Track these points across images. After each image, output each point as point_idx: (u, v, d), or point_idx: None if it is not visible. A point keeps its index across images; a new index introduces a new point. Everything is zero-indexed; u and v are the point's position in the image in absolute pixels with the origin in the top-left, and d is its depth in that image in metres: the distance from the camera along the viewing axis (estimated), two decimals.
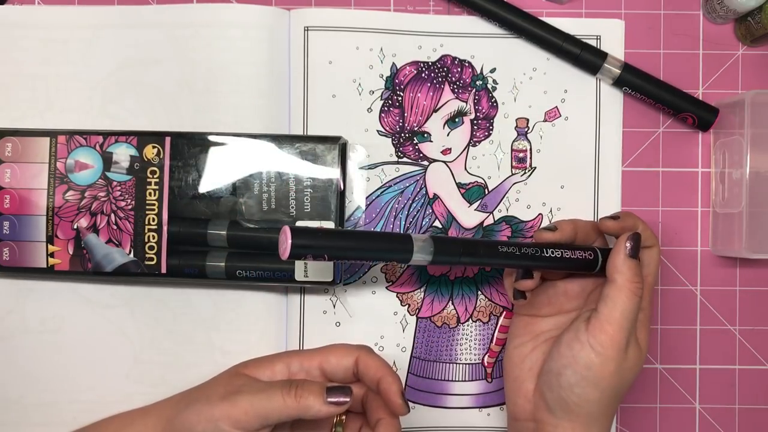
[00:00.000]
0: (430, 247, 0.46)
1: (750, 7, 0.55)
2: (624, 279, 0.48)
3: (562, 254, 0.49)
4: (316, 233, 0.43)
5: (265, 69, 0.57)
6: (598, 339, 0.48)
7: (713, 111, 0.57)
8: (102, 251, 0.56)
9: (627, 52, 0.59)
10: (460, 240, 0.49)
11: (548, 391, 0.50)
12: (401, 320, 0.59)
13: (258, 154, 0.55)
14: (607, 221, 0.51)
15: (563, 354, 0.49)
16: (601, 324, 0.48)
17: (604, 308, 0.48)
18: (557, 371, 0.49)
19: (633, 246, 0.49)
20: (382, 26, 0.58)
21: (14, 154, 0.56)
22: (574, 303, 0.53)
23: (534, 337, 0.53)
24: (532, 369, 0.52)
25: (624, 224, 0.51)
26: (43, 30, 0.58)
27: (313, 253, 0.43)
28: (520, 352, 0.53)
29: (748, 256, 0.55)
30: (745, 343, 0.59)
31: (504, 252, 0.48)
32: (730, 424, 0.60)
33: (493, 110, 0.58)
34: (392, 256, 0.46)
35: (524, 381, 0.52)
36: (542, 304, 0.53)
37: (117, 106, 0.58)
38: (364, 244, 0.45)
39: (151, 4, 0.58)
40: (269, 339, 0.58)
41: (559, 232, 0.50)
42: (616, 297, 0.48)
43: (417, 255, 0.45)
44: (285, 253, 0.42)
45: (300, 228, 0.42)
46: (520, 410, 0.52)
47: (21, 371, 0.58)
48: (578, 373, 0.48)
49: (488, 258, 0.48)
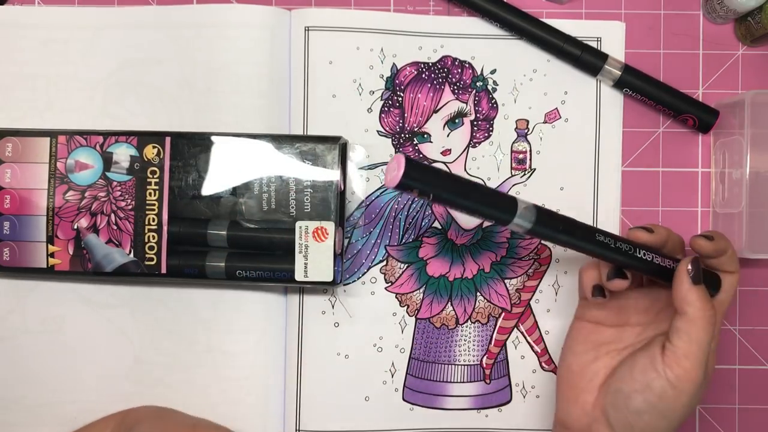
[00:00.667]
0: (533, 216, 0.44)
1: (750, 7, 0.55)
2: (695, 309, 0.46)
3: (653, 258, 0.48)
4: (430, 170, 0.42)
5: (266, 69, 0.57)
6: (674, 372, 0.46)
7: (713, 113, 0.57)
8: (102, 251, 0.56)
9: (627, 52, 0.59)
10: (562, 216, 0.46)
11: (613, 410, 0.48)
12: (400, 321, 0.59)
13: (258, 154, 0.55)
14: (701, 240, 0.49)
15: (636, 379, 0.47)
16: (678, 359, 0.46)
17: (679, 342, 0.46)
18: (627, 394, 0.48)
19: (695, 271, 0.46)
20: (382, 27, 0.58)
21: (14, 154, 0.56)
22: (641, 317, 0.52)
23: (596, 347, 0.52)
24: (592, 381, 0.51)
25: (718, 246, 0.49)
26: (43, 30, 0.58)
27: (420, 187, 0.41)
28: (580, 360, 0.52)
29: (748, 256, 0.55)
30: (745, 343, 0.60)
31: (599, 241, 0.46)
32: (730, 424, 0.60)
33: (493, 111, 0.58)
34: (494, 214, 0.44)
35: (582, 391, 0.51)
36: (610, 313, 0.52)
37: (117, 106, 0.58)
38: (472, 194, 0.43)
39: (152, 5, 0.58)
40: (268, 339, 0.58)
41: (655, 236, 0.48)
42: (690, 330, 0.46)
43: (518, 219, 0.44)
44: (394, 181, 0.40)
45: (415, 160, 0.41)
46: (573, 420, 0.51)
47: (21, 371, 0.58)
48: (649, 401, 0.47)
49: (584, 242, 0.46)
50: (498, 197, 0.44)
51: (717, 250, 0.49)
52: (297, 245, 0.55)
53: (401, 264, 0.58)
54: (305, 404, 0.58)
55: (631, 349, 0.51)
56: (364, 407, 0.59)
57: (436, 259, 0.59)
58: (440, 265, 0.59)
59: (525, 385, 0.59)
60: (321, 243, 0.55)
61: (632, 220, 0.59)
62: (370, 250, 0.58)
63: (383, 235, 0.58)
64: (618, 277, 0.48)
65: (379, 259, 0.58)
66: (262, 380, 0.58)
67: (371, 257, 0.58)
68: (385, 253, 0.58)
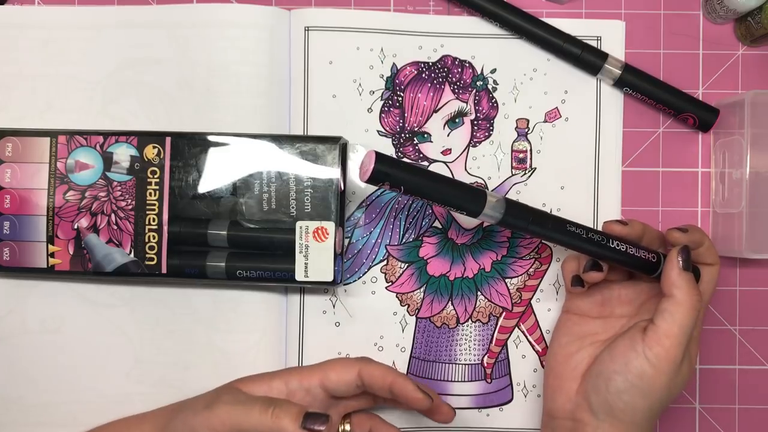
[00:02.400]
0: (502, 207, 0.47)
1: (750, 7, 0.55)
2: (682, 293, 0.48)
3: (627, 249, 0.49)
4: (399, 163, 0.44)
5: (266, 69, 0.57)
6: (654, 351, 0.47)
7: (714, 112, 0.57)
8: (102, 251, 0.56)
9: (627, 52, 0.59)
10: (531, 208, 0.49)
11: (594, 393, 0.50)
12: (401, 320, 0.59)
13: (258, 154, 0.55)
14: (675, 233, 0.50)
15: (616, 360, 0.49)
16: (659, 337, 0.47)
17: (663, 322, 0.48)
18: (607, 376, 0.49)
19: (685, 258, 0.48)
20: (382, 26, 0.58)
21: (14, 154, 0.56)
22: (625, 309, 0.53)
23: (580, 337, 0.53)
24: (576, 369, 0.52)
25: (692, 238, 0.50)
26: (43, 30, 0.58)
27: (391, 181, 0.43)
28: (565, 350, 0.53)
29: (748, 256, 0.55)
30: (745, 343, 0.60)
31: (571, 231, 0.48)
32: (730, 424, 0.60)
33: (493, 111, 0.58)
34: (464, 205, 0.46)
35: (567, 380, 0.53)
36: (594, 305, 0.54)
37: (117, 106, 0.58)
38: (441, 187, 0.45)
39: (152, 4, 0.58)
40: (269, 339, 0.58)
41: (629, 228, 0.50)
42: (675, 311, 0.48)
43: (488, 210, 0.46)
44: (366, 174, 0.43)
45: (385, 155, 0.43)
46: (558, 408, 0.52)
47: (21, 371, 0.58)
48: (629, 381, 0.48)
49: (555, 233, 0.49)
50: (467, 189, 0.47)
51: (692, 241, 0.50)
52: (297, 245, 0.55)
53: (402, 263, 0.58)
54: None
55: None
56: None
57: (436, 259, 0.59)
58: (441, 264, 0.59)
59: (526, 385, 0.59)
60: (321, 243, 0.55)
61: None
62: (371, 249, 0.58)
63: (383, 235, 0.58)
64: (594, 269, 0.50)
65: (379, 259, 0.58)
66: None
67: (372, 257, 0.58)
68: (386, 253, 0.58)
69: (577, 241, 0.49)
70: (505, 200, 0.47)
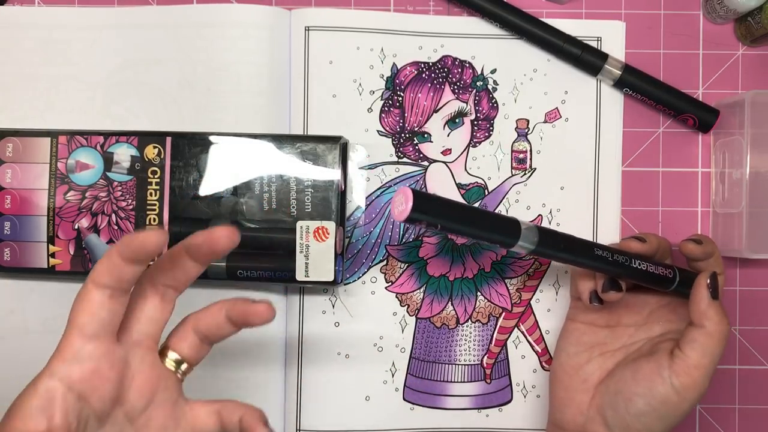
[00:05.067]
0: (535, 237, 0.45)
1: (750, 7, 0.55)
2: (713, 324, 0.47)
3: (647, 267, 0.49)
4: (436, 199, 0.42)
5: (266, 69, 0.57)
6: (682, 381, 0.47)
7: (714, 112, 0.57)
8: (103, 251, 0.56)
9: (627, 52, 0.59)
10: (562, 235, 0.47)
11: (612, 411, 0.49)
12: (400, 321, 0.59)
13: (259, 154, 0.55)
14: (690, 244, 0.50)
15: (640, 383, 0.48)
16: (689, 368, 0.47)
17: (693, 353, 0.47)
18: (628, 396, 0.48)
19: (714, 287, 0.47)
20: (382, 26, 0.58)
21: (15, 155, 0.56)
22: (634, 318, 0.53)
23: (589, 348, 0.52)
24: (586, 381, 0.51)
25: (706, 249, 0.50)
26: (43, 30, 0.58)
27: (429, 220, 0.41)
28: (573, 361, 0.52)
29: (748, 256, 0.55)
30: (745, 343, 0.60)
31: (598, 255, 0.47)
32: (730, 424, 0.60)
33: (493, 111, 0.58)
34: (498, 239, 0.44)
35: (577, 392, 0.52)
36: (601, 314, 0.53)
37: (118, 107, 0.58)
38: (478, 222, 0.44)
39: (152, 5, 0.58)
40: (269, 339, 0.58)
41: (648, 244, 0.49)
42: (707, 343, 0.47)
43: (521, 242, 0.44)
44: (402, 215, 0.40)
45: (422, 193, 0.41)
46: (568, 420, 0.51)
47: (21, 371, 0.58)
48: (651, 405, 0.47)
49: (583, 258, 0.47)
50: (501, 221, 0.45)
51: (705, 253, 0.50)
52: (298, 245, 0.55)
53: (401, 263, 0.59)
54: (305, 404, 0.58)
55: (625, 351, 0.52)
56: (365, 407, 0.59)
57: (436, 259, 0.59)
58: (440, 264, 0.59)
59: (525, 385, 0.59)
60: (322, 243, 0.55)
61: (632, 220, 0.59)
62: (371, 249, 0.58)
63: (383, 235, 0.58)
64: (613, 289, 0.49)
65: (379, 259, 0.58)
66: (262, 380, 0.58)
67: (371, 257, 0.58)
68: (386, 253, 0.59)
69: (603, 264, 0.48)
70: (537, 228, 0.45)
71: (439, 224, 0.42)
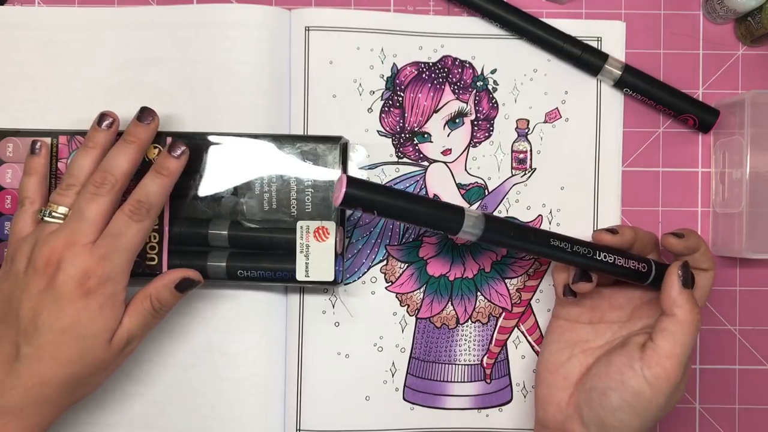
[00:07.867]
0: (482, 224, 0.45)
1: (750, 7, 0.55)
2: (684, 312, 0.46)
3: (615, 260, 0.48)
4: (371, 186, 0.43)
5: (266, 69, 0.57)
6: (653, 371, 0.46)
7: (714, 113, 0.57)
8: None
9: (627, 52, 0.59)
10: (512, 223, 0.48)
11: (587, 407, 0.49)
12: (400, 321, 0.59)
13: (259, 154, 0.55)
14: (671, 238, 0.49)
15: (612, 377, 0.48)
16: (659, 358, 0.46)
17: (664, 342, 0.46)
18: (602, 391, 0.48)
19: (685, 276, 0.47)
20: (382, 26, 0.58)
21: (15, 155, 0.56)
22: (617, 314, 0.52)
23: (571, 345, 0.52)
24: (567, 378, 0.51)
25: (688, 243, 0.49)
26: (43, 30, 0.58)
27: (364, 205, 0.43)
28: (555, 358, 0.52)
29: (748, 256, 0.55)
30: (745, 343, 0.60)
31: (555, 245, 0.47)
32: (730, 424, 0.60)
33: (493, 111, 0.59)
34: (442, 225, 0.45)
35: (558, 389, 0.51)
36: (584, 311, 0.53)
37: (118, 107, 0.58)
38: (417, 208, 0.44)
39: (152, 5, 0.58)
40: (269, 339, 0.58)
41: (620, 237, 0.49)
42: (677, 331, 0.46)
43: (467, 228, 0.45)
44: (338, 200, 0.42)
45: (356, 178, 0.43)
46: (549, 418, 0.51)
47: None
48: (624, 399, 0.47)
49: (538, 247, 0.47)
50: (445, 207, 0.45)
51: (687, 247, 0.49)
52: (298, 245, 0.55)
53: (401, 263, 0.59)
54: (305, 404, 0.58)
55: (607, 347, 0.51)
56: (365, 407, 0.59)
57: (436, 259, 0.59)
58: (440, 264, 0.59)
59: (525, 385, 0.59)
60: (322, 243, 0.55)
61: (632, 219, 0.59)
62: (371, 249, 0.58)
63: (383, 235, 0.58)
64: (583, 280, 0.49)
65: (379, 259, 0.58)
66: (262, 380, 0.58)
67: (371, 257, 0.58)
68: (386, 253, 0.59)
69: (561, 254, 0.48)
70: (484, 216, 0.46)
71: (375, 210, 0.43)
